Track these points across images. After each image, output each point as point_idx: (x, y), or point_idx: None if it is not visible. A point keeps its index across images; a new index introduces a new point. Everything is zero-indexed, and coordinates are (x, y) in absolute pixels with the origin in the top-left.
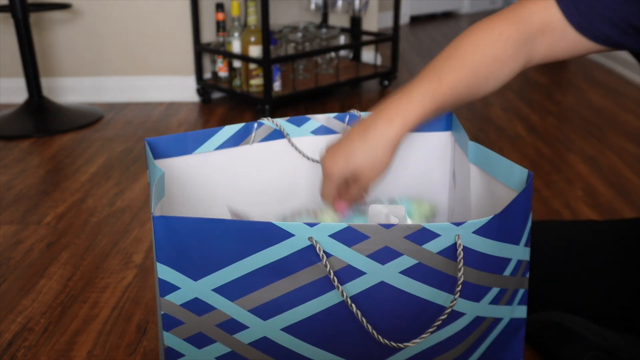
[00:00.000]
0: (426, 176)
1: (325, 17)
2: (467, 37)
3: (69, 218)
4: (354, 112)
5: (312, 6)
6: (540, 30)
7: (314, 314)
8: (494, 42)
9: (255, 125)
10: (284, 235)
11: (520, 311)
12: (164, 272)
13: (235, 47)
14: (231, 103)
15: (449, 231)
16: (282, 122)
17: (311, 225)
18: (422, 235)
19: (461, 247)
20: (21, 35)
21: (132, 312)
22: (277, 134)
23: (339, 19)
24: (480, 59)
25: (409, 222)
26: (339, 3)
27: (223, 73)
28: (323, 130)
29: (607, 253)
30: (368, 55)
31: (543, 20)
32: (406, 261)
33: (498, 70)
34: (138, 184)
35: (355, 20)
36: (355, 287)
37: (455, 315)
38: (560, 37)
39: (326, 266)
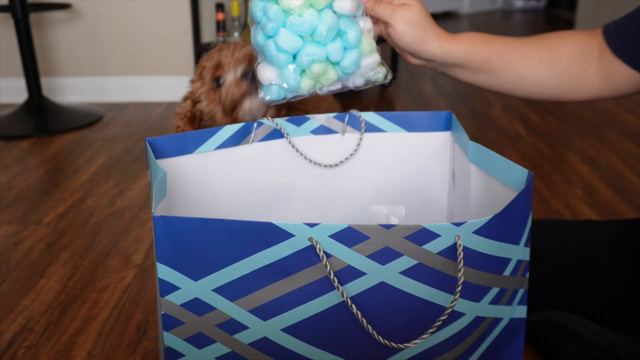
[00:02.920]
0: (426, 176)
1: None
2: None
3: (69, 218)
4: (354, 112)
5: None
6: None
7: (314, 314)
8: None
9: (255, 124)
10: (284, 235)
11: (520, 311)
12: (164, 272)
13: None
14: None
15: (449, 231)
16: (281, 122)
17: (311, 225)
18: (422, 235)
19: (461, 247)
20: (21, 35)
21: (132, 312)
22: (277, 134)
23: None
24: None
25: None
26: None
27: None
28: (323, 130)
29: (607, 253)
30: None
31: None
32: (406, 261)
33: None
34: (138, 184)
35: None
36: (355, 287)
37: (456, 315)
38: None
39: (326, 267)
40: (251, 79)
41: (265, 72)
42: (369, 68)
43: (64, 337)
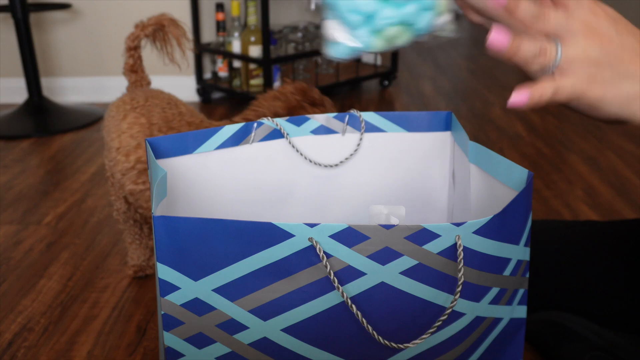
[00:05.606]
0: (426, 176)
1: None
2: None
3: (69, 218)
4: (354, 112)
5: (312, 6)
6: None
7: (314, 314)
8: None
9: (255, 124)
10: (284, 235)
11: (520, 311)
12: (164, 272)
13: (235, 47)
14: (231, 103)
15: (449, 231)
16: (281, 122)
17: (311, 225)
18: (422, 235)
19: (461, 247)
20: (21, 35)
21: (132, 312)
22: (277, 134)
23: None
24: None
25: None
26: None
27: (223, 73)
28: (323, 130)
29: (607, 253)
30: (368, 55)
31: None
32: (406, 262)
33: None
34: None
35: None
36: (355, 287)
37: (456, 315)
38: None
39: (326, 267)
40: None
41: (335, 32)
42: (441, 28)
43: (64, 337)
